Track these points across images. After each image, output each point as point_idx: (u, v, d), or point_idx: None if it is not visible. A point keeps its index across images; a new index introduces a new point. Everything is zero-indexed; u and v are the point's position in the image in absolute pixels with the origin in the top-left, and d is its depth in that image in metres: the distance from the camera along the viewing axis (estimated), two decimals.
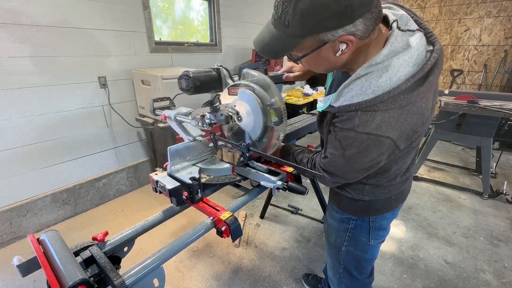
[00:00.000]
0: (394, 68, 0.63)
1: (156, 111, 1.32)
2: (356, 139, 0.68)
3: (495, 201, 2.66)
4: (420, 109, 0.66)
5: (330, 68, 0.76)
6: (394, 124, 0.65)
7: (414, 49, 0.64)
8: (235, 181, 1.10)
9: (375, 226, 0.95)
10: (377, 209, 0.93)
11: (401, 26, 0.66)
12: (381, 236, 1.00)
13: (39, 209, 2.19)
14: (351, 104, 0.67)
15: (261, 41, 0.68)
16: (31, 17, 1.87)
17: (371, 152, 0.69)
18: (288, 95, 4.41)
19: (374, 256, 1.07)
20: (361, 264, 1.07)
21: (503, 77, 4.21)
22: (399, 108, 0.64)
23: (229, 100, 1.09)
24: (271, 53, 0.69)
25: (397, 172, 0.84)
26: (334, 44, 0.63)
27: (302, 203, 2.57)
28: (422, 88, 0.64)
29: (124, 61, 2.45)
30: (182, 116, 1.19)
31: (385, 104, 0.64)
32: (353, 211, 0.96)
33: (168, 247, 0.83)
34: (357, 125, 0.67)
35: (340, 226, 1.01)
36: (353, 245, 1.01)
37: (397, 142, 0.67)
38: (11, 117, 1.91)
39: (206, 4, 3.22)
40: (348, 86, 0.69)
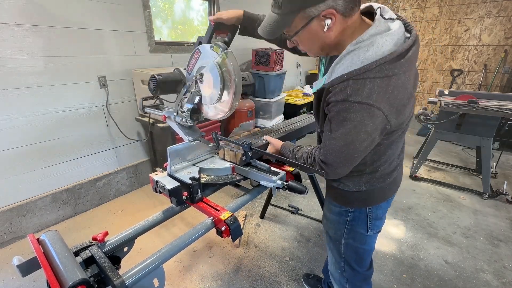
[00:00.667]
0: (379, 44, 0.71)
1: (145, 109, 1.37)
2: (350, 110, 0.73)
3: (495, 201, 2.66)
4: (404, 83, 0.74)
5: (323, 47, 0.82)
6: (383, 95, 0.71)
7: (395, 32, 0.73)
8: (235, 181, 1.11)
9: (372, 216, 1.01)
10: (373, 199, 0.98)
11: (383, 14, 0.77)
12: (378, 226, 1.05)
13: (39, 209, 2.19)
14: (343, 75, 0.74)
15: (263, 26, 0.80)
16: (31, 17, 1.87)
17: (365, 126, 0.73)
18: (288, 95, 4.41)
19: (372, 247, 1.12)
20: (361, 256, 1.11)
21: (503, 77, 4.21)
22: (386, 78, 0.71)
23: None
24: (270, 33, 0.80)
25: (391, 157, 0.91)
26: (320, 20, 0.73)
27: (302, 203, 2.57)
28: (403, 61, 0.72)
29: (124, 61, 2.45)
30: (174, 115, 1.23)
31: (373, 72, 0.71)
32: (351, 203, 1.00)
33: (168, 247, 0.83)
34: (350, 94, 0.72)
35: (339, 219, 1.05)
36: (352, 237, 1.05)
37: (388, 116, 0.73)
38: (11, 117, 1.91)
39: (206, 4, 3.22)
40: (339, 62, 0.75)
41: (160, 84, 1.15)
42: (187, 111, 1.15)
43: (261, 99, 3.64)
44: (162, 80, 1.16)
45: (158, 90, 1.17)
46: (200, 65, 1.12)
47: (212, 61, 1.05)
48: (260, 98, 3.65)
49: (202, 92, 1.15)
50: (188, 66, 1.17)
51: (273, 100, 3.64)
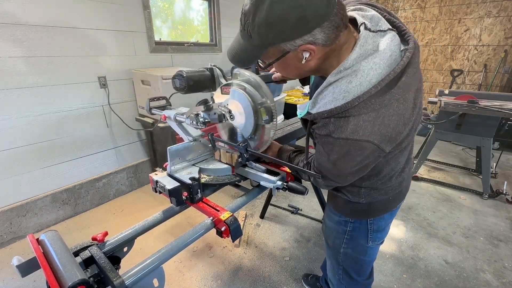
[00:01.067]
0: (364, 72, 0.63)
1: (152, 110, 1.34)
2: (335, 144, 0.69)
3: (495, 201, 2.66)
4: (398, 110, 0.65)
5: (302, 74, 0.76)
6: (371, 128, 0.64)
7: (386, 50, 0.64)
8: (235, 181, 1.10)
9: (373, 228, 0.95)
10: (374, 211, 0.92)
11: (371, 27, 0.66)
12: (380, 238, 0.99)
13: (39, 209, 2.19)
14: (324, 111, 0.68)
15: (231, 50, 0.71)
16: (31, 17, 1.87)
17: (353, 156, 0.68)
18: (288, 95, 4.41)
19: (373, 258, 1.07)
20: (360, 267, 1.07)
21: (503, 77, 4.21)
22: (373, 111, 0.63)
23: (222, 99, 1.10)
24: (240, 62, 0.72)
25: (391, 173, 0.83)
26: (297, 53, 0.65)
27: (302, 203, 2.57)
28: (395, 90, 0.63)
29: (124, 61, 2.45)
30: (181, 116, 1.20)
31: (357, 109, 0.64)
32: (350, 213, 0.95)
33: (168, 247, 0.83)
34: (332, 131, 0.67)
35: (338, 228, 1.01)
36: (351, 248, 1.01)
37: (380, 145, 0.66)
38: (11, 117, 1.91)
39: (206, 4, 3.22)
40: (321, 93, 0.69)
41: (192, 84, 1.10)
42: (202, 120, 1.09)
43: None
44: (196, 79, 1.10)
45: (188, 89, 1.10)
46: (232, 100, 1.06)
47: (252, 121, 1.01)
48: None
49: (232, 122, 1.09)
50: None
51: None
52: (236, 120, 1.06)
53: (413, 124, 0.70)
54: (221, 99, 1.11)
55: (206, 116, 1.07)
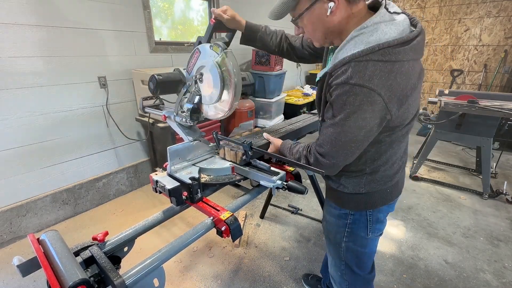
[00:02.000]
0: (383, 31, 0.71)
1: (145, 109, 1.36)
2: (350, 93, 0.71)
3: (495, 201, 2.66)
4: (408, 72, 0.72)
5: (326, 33, 0.82)
6: (385, 80, 0.69)
7: (400, 22, 0.73)
8: (235, 181, 1.10)
9: (372, 220, 0.98)
10: (373, 202, 0.96)
11: (388, 7, 0.76)
12: (379, 229, 1.02)
13: (39, 209, 2.19)
14: (345, 57, 0.73)
15: (273, 9, 0.82)
16: (31, 17, 1.87)
17: (363, 111, 0.72)
18: (288, 95, 4.41)
19: (373, 250, 1.10)
20: (362, 260, 1.09)
21: (503, 77, 4.21)
22: (389, 63, 0.69)
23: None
24: (278, 14, 0.82)
25: (393, 158, 0.89)
26: (323, 3, 0.74)
27: (302, 203, 2.57)
28: (407, 48, 0.71)
29: (124, 61, 2.45)
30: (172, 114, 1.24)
31: (376, 55, 0.69)
32: (350, 205, 0.98)
33: (168, 247, 0.83)
34: (350, 77, 0.71)
35: (338, 222, 1.03)
36: (352, 240, 1.03)
37: (388, 104, 0.71)
38: (11, 117, 1.91)
39: (206, 4, 3.22)
40: (342, 48, 0.76)
41: (160, 84, 1.15)
42: (187, 111, 1.15)
43: (261, 99, 3.64)
44: (162, 80, 1.16)
45: (158, 90, 1.17)
46: (199, 65, 1.12)
47: (212, 61, 1.06)
48: (260, 98, 3.65)
49: (202, 92, 1.15)
50: (188, 66, 1.18)
51: (273, 100, 3.64)
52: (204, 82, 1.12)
53: (416, 100, 0.79)
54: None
55: (189, 105, 1.14)
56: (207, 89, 1.12)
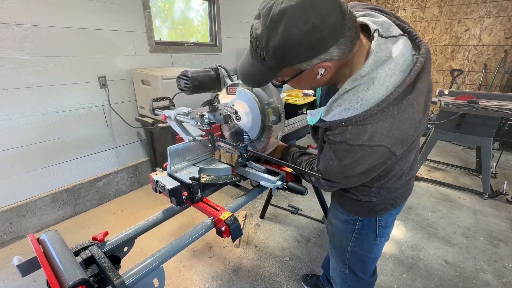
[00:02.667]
0: (380, 79, 0.63)
1: (155, 111, 1.33)
2: (350, 150, 0.69)
3: (495, 201, 2.66)
4: (412, 115, 0.66)
5: (315, 87, 0.80)
6: (387, 134, 0.65)
7: (400, 55, 0.64)
8: (235, 181, 1.11)
9: (381, 225, 0.96)
10: (383, 208, 0.93)
11: (383, 33, 0.66)
12: (386, 234, 1.01)
13: (39, 209, 2.19)
14: (341, 120, 0.68)
15: (243, 71, 0.70)
16: (31, 17, 1.87)
17: (366, 160, 0.69)
18: (288, 95, 4.41)
19: (378, 255, 1.07)
20: (366, 264, 1.07)
21: (503, 77, 4.21)
22: (390, 118, 0.64)
23: (227, 99, 1.09)
24: (254, 83, 0.71)
25: (400, 172, 0.85)
26: (312, 70, 0.65)
27: (302, 203, 2.57)
28: (411, 96, 0.64)
29: (124, 61, 2.45)
30: (182, 116, 1.20)
31: (375, 117, 0.64)
32: (359, 212, 0.95)
33: (168, 247, 0.83)
34: (349, 139, 0.67)
35: (346, 227, 1.00)
36: (359, 246, 1.01)
37: (392, 149, 0.67)
38: (11, 117, 1.91)
39: (206, 4, 3.22)
40: (336, 101, 0.69)
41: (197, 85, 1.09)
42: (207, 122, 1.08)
43: None
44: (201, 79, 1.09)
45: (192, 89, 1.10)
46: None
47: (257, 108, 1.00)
48: None
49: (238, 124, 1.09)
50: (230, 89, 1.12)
51: None
52: (242, 121, 1.05)
53: (423, 126, 0.71)
54: (226, 99, 1.10)
55: (211, 117, 1.06)
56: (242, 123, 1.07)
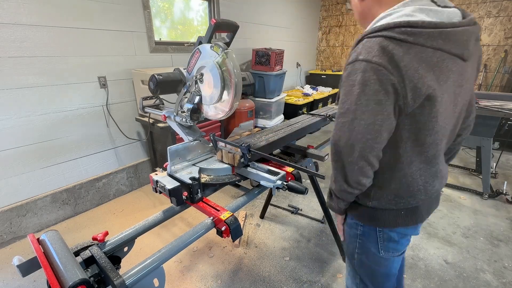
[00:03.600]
0: (413, 12, 0.63)
1: (145, 109, 1.37)
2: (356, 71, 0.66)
3: (495, 201, 2.66)
4: (432, 63, 0.63)
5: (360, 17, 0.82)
6: (397, 59, 0.61)
7: (444, 11, 0.64)
8: (235, 181, 1.11)
9: (383, 237, 0.87)
10: (382, 221, 0.85)
11: (438, 2, 0.67)
12: (394, 249, 0.89)
13: (39, 209, 2.19)
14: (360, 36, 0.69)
15: None
16: (31, 17, 1.87)
17: (372, 86, 0.64)
18: (288, 95, 4.41)
19: (391, 271, 0.96)
20: (377, 279, 0.98)
21: (503, 77, 4.21)
22: (404, 44, 0.61)
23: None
24: None
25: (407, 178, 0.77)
26: None
27: (302, 203, 2.57)
28: (436, 32, 0.61)
29: (124, 61, 2.45)
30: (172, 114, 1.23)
31: (390, 32, 0.62)
32: (358, 216, 0.89)
33: (168, 247, 0.83)
34: (360, 53, 0.65)
35: (350, 231, 0.95)
36: (364, 254, 0.94)
37: (400, 83, 0.63)
38: (11, 117, 1.91)
39: (206, 4, 3.22)
40: None
41: (160, 84, 1.16)
42: (187, 111, 1.15)
43: (261, 99, 3.64)
44: (162, 80, 1.16)
45: (158, 90, 1.17)
46: (200, 65, 1.12)
47: (212, 61, 1.06)
48: (260, 98, 3.65)
49: (202, 92, 1.15)
50: (188, 66, 1.18)
51: (273, 100, 3.64)
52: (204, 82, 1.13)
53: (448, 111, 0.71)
54: None
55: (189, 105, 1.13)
56: (207, 90, 1.12)
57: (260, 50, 3.49)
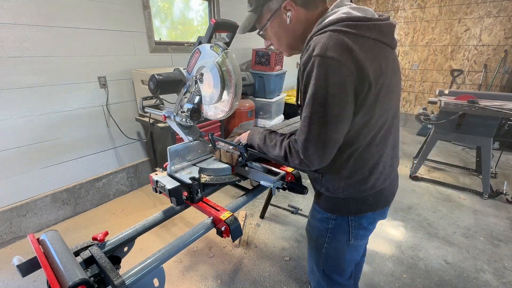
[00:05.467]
0: (346, 11, 0.73)
1: (145, 109, 1.37)
2: (313, 65, 0.69)
3: (495, 201, 2.66)
4: (374, 51, 0.71)
5: (290, 41, 0.86)
6: (348, 51, 0.67)
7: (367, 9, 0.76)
8: (235, 181, 1.11)
9: (354, 225, 0.93)
10: (353, 209, 0.90)
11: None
12: (362, 236, 0.96)
13: (39, 209, 2.19)
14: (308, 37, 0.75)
15: (241, 24, 0.90)
16: (31, 17, 1.87)
17: (330, 76, 0.67)
18: (288, 95, 4.41)
19: (354, 257, 1.03)
20: (341, 266, 1.03)
21: (503, 77, 4.21)
22: (350, 35, 0.68)
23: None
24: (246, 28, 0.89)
25: (370, 162, 0.83)
26: (282, 13, 0.80)
27: (302, 203, 2.57)
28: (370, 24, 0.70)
29: (124, 61, 2.45)
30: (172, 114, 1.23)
31: (335, 26, 0.69)
32: (331, 209, 0.93)
33: (168, 247, 0.83)
34: (312, 50, 0.69)
35: (320, 226, 0.98)
36: (334, 247, 0.98)
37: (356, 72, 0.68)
38: (11, 117, 1.91)
39: (206, 4, 3.22)
40: None
41: (160, 84, 1.16)
42: (187, 111, 1.15)
43: (261, 99, 3.64)
44: (162, 80, 1.16)
45: (158, 90, 1.17)
46: (200, 65, 1.12)
47: (212, 61, 1.06)
48: (260, 98, 3.65)
49: (202, 92, 1.15)
50: (188, 66, 1.18)
51: (273, 100, 3.64)
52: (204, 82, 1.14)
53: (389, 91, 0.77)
54: None
55: (189, 105, 1.14)
56: (207, 89, 1.12)
57: (260, 50, 3.49)
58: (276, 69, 3.52)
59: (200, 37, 1.13)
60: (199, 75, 1.12)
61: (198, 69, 1.13)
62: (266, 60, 3.47)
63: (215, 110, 1.15)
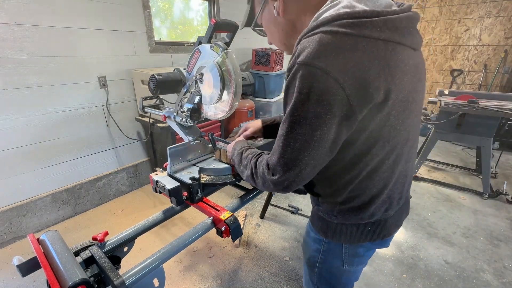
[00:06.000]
0: (349, 3, 0.56)
1: (145, 109, 1.37)
2: (296, 76, 0.55)
3: (495, 201, 2.66)
4: (385, 57, 0.53)
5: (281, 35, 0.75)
6: (343, 59, 0.51)
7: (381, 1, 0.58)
8: (235, 181, 1.10)
9: (348, 253, 0.81)
10: (348, 236, 0.77)
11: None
12: (358, 262, 0.84)
13: (39, 209, 2.19)
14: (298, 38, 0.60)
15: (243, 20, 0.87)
16: (31, 17, 1.87)
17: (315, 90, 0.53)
18: None
19: (351, 280, 0.92)
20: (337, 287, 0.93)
21: (503, 77, 4.21)
22: (349, 37, 0.52)
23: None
24: (242, 23, 0.89)
25: (372, 190, 0.70)
26: (270, 4, 0.71)
27: (302, 203, 2.57)
28: (380, 20, 0.53)
29: (124, 61, 2.45)
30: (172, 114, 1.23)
31: (329, 26, 0.52)
32: (324, 232, 0.82)
33: (168, 247, 0.83)
34: (297, 55, 0.55)
35: (313, 245, 0.88)
36: (326, 268, 0.88)
37: (350, 95, 0.52)
38: (11, 117, 1.91)
39: (206, 4, 3.22)
40: None
41: (160, 84, 1.16)
42: (187, 111, 1.15)
43: (261, 99, 3.64)
44: (162, 80, 1.16)
45: (158, 90, 1.17)
46: (200, 65, 1.12)
47: (212, 61, 1.06)
48: (260, 98, 3.65)
49: (202, 92, 1.15)
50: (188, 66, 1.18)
51: (273, 100, 3.64)
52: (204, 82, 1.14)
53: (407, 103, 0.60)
54: None
55: (189, 105, 1.14)
56: (207, 89, 1.12)
57: (260, 50, 3.49)
58: (276, 69, 3.52)
59: (200, 37, 1.13)
60: (199, 75, 1.12)
61: (198, 69, 1.13)
62: (266, 60, 3.47)
63: (215, 110, 1.15)
